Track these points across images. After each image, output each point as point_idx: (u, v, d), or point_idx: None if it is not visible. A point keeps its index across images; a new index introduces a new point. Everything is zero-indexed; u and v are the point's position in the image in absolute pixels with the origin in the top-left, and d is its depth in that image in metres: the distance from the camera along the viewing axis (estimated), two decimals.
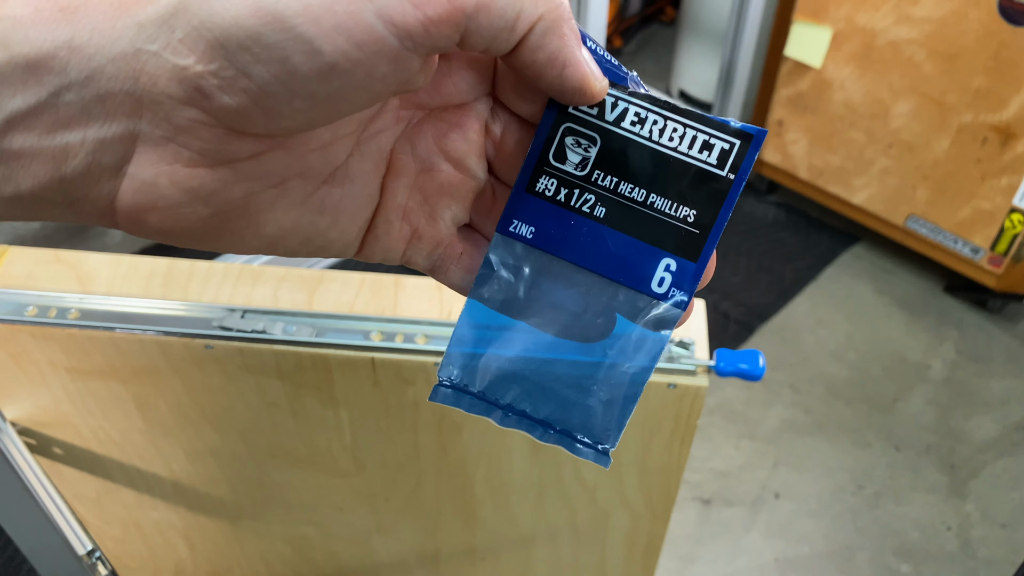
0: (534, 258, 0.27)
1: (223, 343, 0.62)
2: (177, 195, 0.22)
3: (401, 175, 0.26)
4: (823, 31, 1.65)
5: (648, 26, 2.69)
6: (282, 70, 0.20)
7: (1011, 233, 1.58)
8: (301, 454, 0.72)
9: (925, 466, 1.49)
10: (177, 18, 0.20)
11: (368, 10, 0.20)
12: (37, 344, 0.64)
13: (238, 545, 0.86)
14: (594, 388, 0.27)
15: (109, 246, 1.65)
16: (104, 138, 0.21)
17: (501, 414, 0.27)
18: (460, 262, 0.28)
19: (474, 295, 0.27)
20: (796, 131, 1.82)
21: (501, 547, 0.81)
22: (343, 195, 0.25)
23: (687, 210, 0.26)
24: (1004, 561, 1.36)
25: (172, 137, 0.21)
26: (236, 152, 0.22)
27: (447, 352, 0.27)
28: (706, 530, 1.39)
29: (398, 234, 0.27)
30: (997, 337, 1.73)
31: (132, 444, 0.73)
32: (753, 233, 1.97)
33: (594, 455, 0.28)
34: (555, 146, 0.26)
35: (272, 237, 0.24)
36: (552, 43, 0.22)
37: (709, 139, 0.25)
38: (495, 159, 0.27)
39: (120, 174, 0.22)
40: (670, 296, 0.26)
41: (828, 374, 1.64)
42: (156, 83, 0.20)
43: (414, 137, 0.26)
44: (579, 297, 0.27)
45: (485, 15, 0.21)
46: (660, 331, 0.27)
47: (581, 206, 0.26)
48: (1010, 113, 1.49)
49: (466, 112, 0.26)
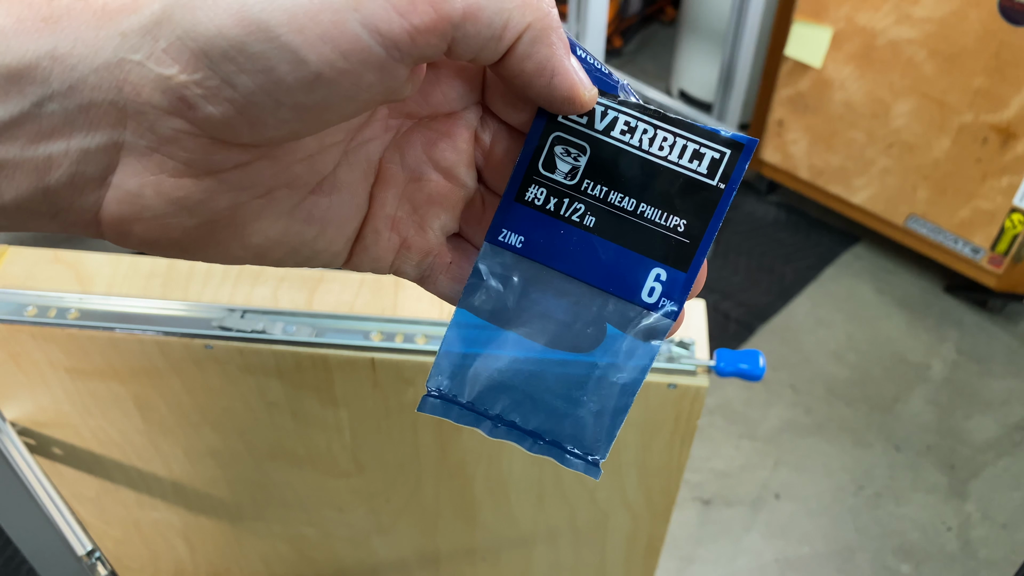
0: (523, 268, 0.27)
1: (223, 343, 0.62)
2: (162, 205, 0.22)
3: (390, 185, 0.26)
4: (823, 31, 1.65)
5: (648, 26, 2.69)
6: (267, 80, 0.20)
7: (1011, 233, 1.58)
8: (301, 454, 0.72)
9: (925, 466, 1.49)
10: (161, 28, 0.20)
11: (353, 19, 0.19)
12: (37, 344, 0.63)
13: (238, 545, 0.86)
14: (584, 399, 0.27)
15: (109, 246, 1.65)
16: (88, 148, 0.21)
17: (491, 424, 0.27)
18: (449, 272, 0.28)
19: (463, 304, 0.27)
20: (796, 131, 1.82)
21: (501, 547, 0.81)
22: (330, 205, 0.25)
23: (677, 219, 0.26)
24: (1004, 561, 1.36)
25: (157, 147, 0.21)
26: (222, 162, 0.22)
27: (436, 362, 0.27)
28: (706, 530, 1.39)
29: (387, 244, 0.27)
30: (997, 337, 1.73)
31: (132, 444, 0.73)
32: (753, 233, 1.97)
33: (584, 466, 0.27)
34: (544, 155, 0.26)
35: (259, 248, 0.24)
36: (540, 52, 0.22)
37: (699, 148, 0.25)
38: (485, 168, 0.27)
39: (104, 184, 0.22)
40: (660, 306, 0.26)
41: (828, 374, 1.64)
42: (140, 93, 0.20)
43: (403, 146, 0.26)
44: (569, 307, 0.27)
45: (472, 24, 0.21)
46: (650, 341, 0.26)
47: (571, 215, 0.26)
48: (1010, 113, 1.49)
49: (455, 121, 0.26)
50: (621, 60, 2.53)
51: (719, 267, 1.87)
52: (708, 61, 2.07)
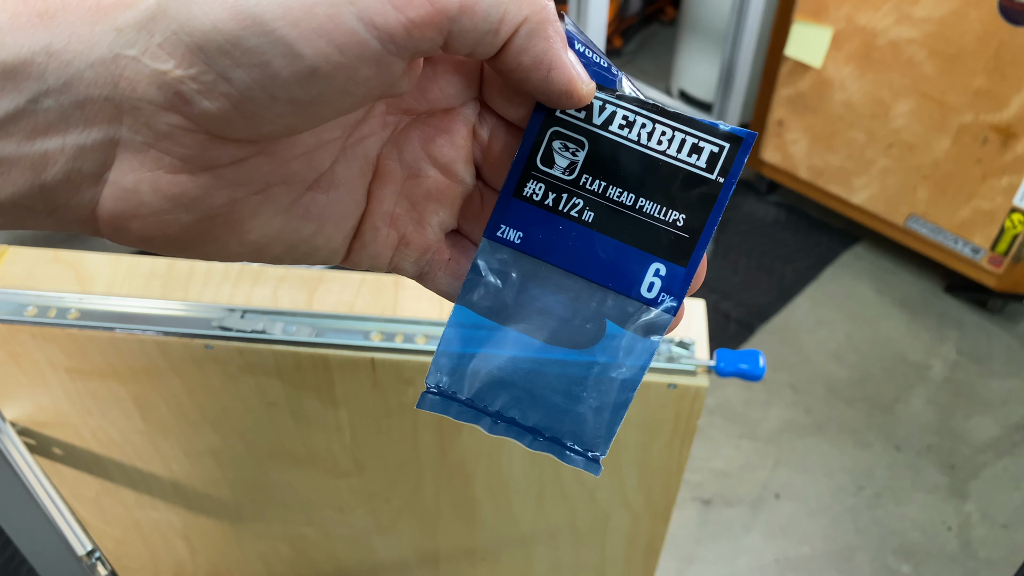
0: (522, 263, 0.26)
1: (223, 343, 0.62)
2: (159, 202, 0.22)
3: (388, 181, 0.26)
4: (823, 31, 1.65)
5: (648, 26, 2.69)
6: (262, 74, 0.19)
7: (1011, 233, 1.58)
8: (301, 454, 0.72)
9: (925, 466, 1.49)
10: (156, 23, 0.19)
11: (349, 13, 0.19)
12: (37, 344, 0.63)
13: (238, 545, 0.86)
14: (584, 395, 0.27)
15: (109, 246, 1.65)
16: (84, 144, 0.21)
17: (490, 421, 0.27)
18: (448, 268, 0.28)
19: (462, 301, 0.27)
20: (796, 131, 1.82)
21: (501, 547, 0.81)
22: (328, 201, 0.25)
23: (676, 214, 0.26)
24: (1004, 561, 1.36)
25: (153, 143, 0.21)
26: (218, 158, 0.21)
27: (435, 359, 0.27)
28: (706, 530, 1.39)
29: (385, 240, 0.27)
30: (997, 337, 1.73)
31: (132, 444, 0.73)
32: (753, 233, 1.97)
33: (584, 462, 0.27)
34: (543, 150, 0.26)
35: (256, 244, 0.24)
36: (537, 46, 0.22)
37: (698, 142, 0.25)
38: (483, 163, 0.27)
39: (101, 181, 0.21)
40: (660, 301, 0.26)
41: (828, 374, 1.64)
42: (135, 88, 0.20)
43: (401, 142, 0.26)
44: (568, 303, 0.26)
45: (469, 18, 0.21)
46: (650, 336, 0.26)
47: (569, 211, 0.26)
48: (1010, 113, 1.49)
49: (453, 117, 0.26)
50: (621, 60, 2.53)
51: (719, 267, 1.87)
52: (708, 61, 2.07)
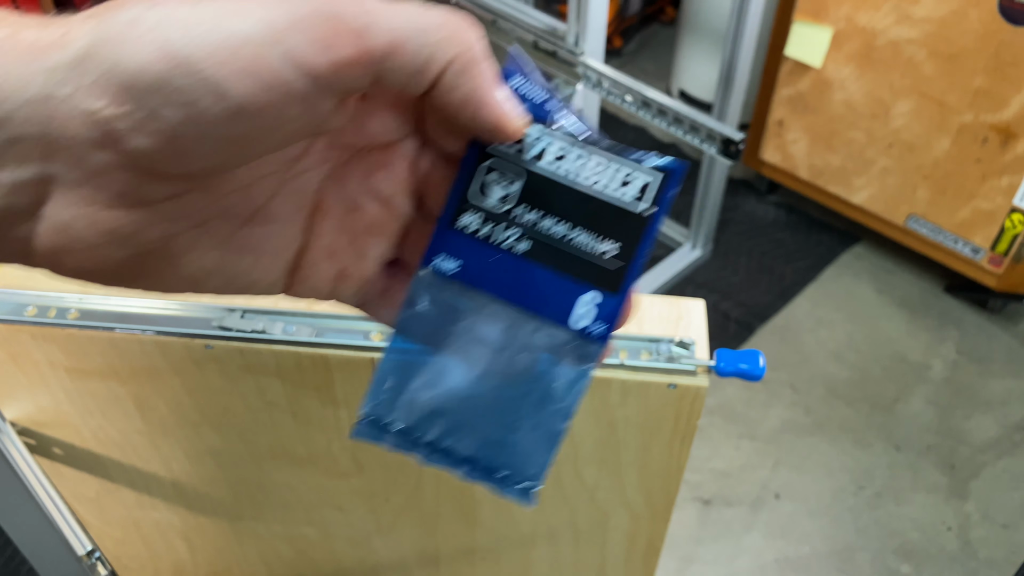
0: (458, 293, 0.27)
1: (223, 343, 0.62)
2: (94, 237, 0.22)
3: (328, 215, 0.26)
4: (823, 31, 1.65)
5: (648, 26, 2.69)
6: (191, 112, 0.20)
7: (1011, 233, 1.58)
8: (301, 454, 0.72)
9: (925, 466, 1.49)
10: (88, 63, 0.20)
11: (275, 53, 0.20)
12: (37, 344, 0.63)
13: (238, 546, 0.86)
14: (518, 424, 0.27)
15: None
16: (17, 181, 0.21)
17: (425, 451, 0.27)
18: (387, 298, 0.28)
19: (398, 330, 0.27)
20: (796, 131, 1.82)
21: (501, 547, 0.81)
22: (265, 235, 0.25)
23: (609, 244, 0.26)
24: (1004, 561, 1.36)
25: (86, 180, 0.21)
26: (152, 193, 0.22)
27: (370, 388, 0.27)
28: (706, 530, 1.39)
29: (325, 274, 0.27)
30: (997, 337, 1.73)
31: (132, 444, 0.73)
32: (753, 233, 1.97)
33: (519, 493, 0.27)
34: (478, 182, 0.26)
35: (193, 277, 0.24)
36: (466, 84, 0.22)
37: (629, 174, 0.26)
38: (425, 194, 0.27)
39: (36, 217, 0.22)
40: (591, 330, 0.26)
41: (828, 374, 1.64)
42: (68, 127, 0.20)
43: (341, 177, 0.26)
44: (502, 332, 0.27)
45: (396, 58, 0.21)
46: (582, 365, 0.27)
47: (504, 241, 0.26)
48: (1010, 113, 1.49)
49: (393, 151, 0.26)
50: (621, 60, 2.53)
51: (719, 267, 1.87)
52: (708, 61, 2.07)
